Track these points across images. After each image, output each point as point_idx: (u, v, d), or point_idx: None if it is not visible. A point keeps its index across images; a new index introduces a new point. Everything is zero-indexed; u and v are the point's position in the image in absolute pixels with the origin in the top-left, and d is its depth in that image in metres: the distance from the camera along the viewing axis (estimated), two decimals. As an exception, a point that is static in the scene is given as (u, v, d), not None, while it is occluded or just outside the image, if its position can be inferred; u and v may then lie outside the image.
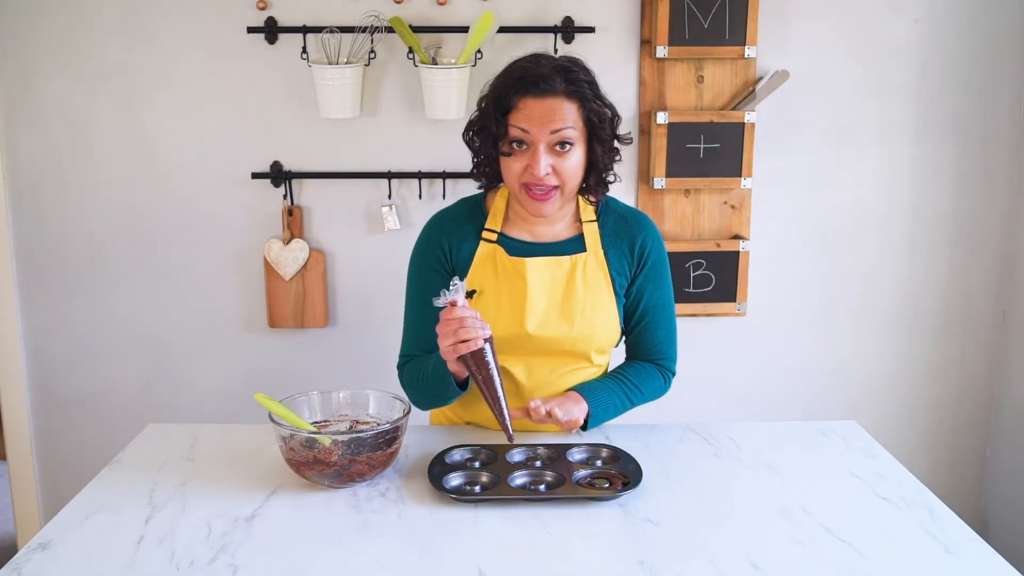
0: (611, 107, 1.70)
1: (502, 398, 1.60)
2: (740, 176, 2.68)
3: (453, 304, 1.58)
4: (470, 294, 1.60)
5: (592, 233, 1.78)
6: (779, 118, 2.71)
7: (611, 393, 1.77)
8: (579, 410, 1.71)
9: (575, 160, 1.66)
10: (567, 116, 1.63)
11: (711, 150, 2.67)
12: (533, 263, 1.74)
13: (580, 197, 1.79)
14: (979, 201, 2.81)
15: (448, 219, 1.81)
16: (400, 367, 1.83)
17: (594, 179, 1.73)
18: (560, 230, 1.79)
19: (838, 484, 1.59)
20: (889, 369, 2.90)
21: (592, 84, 1.67)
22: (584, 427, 1.74)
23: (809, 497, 1.53)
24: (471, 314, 1.58)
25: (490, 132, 1.68)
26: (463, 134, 1.77)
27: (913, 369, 2.91)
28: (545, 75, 1.63)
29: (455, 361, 1.61)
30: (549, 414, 1.66)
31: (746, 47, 2.62)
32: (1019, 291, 2.81)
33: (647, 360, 1.85)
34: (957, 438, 2.96)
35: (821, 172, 2.77)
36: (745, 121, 2.64)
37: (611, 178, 1.76)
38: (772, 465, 1.66)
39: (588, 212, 1.79)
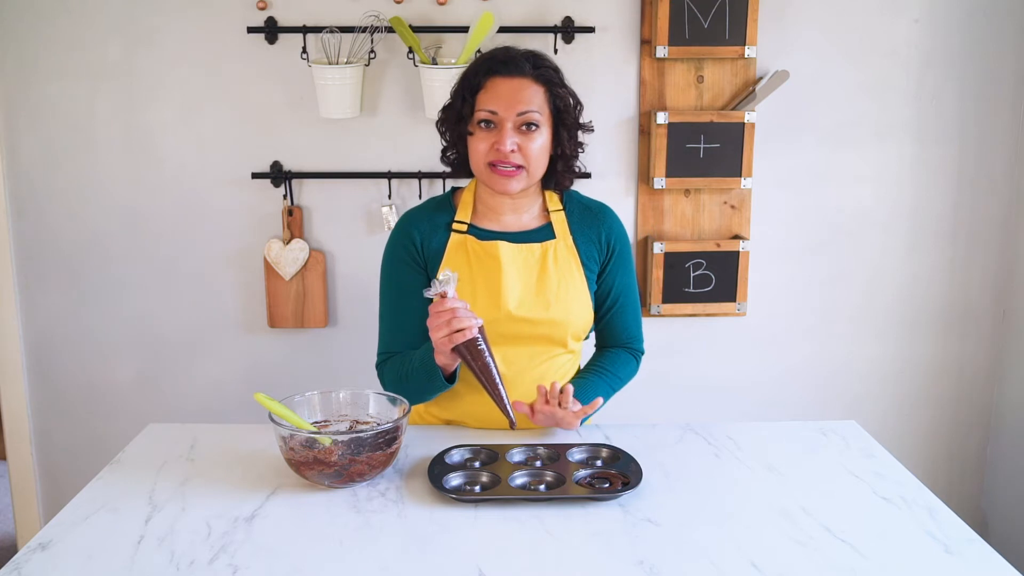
0: (575, 95, 1.77)
1: (500, 384, 1.63)
2: (740, 176, 2.68)
3: (443, 296, 1.59)
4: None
5: (560, 221, 1.83)
6: (779, 118, 2.71)
7: (596, 388, 1.82)
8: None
9: (540, 143, 1.72)
10: (533, 99, 1.71)
11: (711, 150, 2.67)
12: (505, 245, 1.78)
13: (546, 192, 1.84)
14: (979, 201, 2.81)
15: (417, 214, 1.85)
16: (379, 365, 1.84)
17: (562, 166, 1.79)
18: (528, 220, 1.83)
19: (838, 484, 1.59)
20: (889, 369, 2.90)
21: (558, 72, 1.76)
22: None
23: (809, 497, 1.53)
24: (462, 304, 1.61)
25: (459, 114, 1.74)
26: (436, 124, 1.83)
27: (913, 369, 2.91)
28: (514, 58, 1.73)
29: (448, 353, 1.63)
30: (562, 391, 1.67)
31: (746, 47, 2.62)
32: (1019, 291, 2.81)
33: (619, 346, 1.91)
34: (957, 438, 2.96)
35: (821, 172, 2.77)
36: (745, 121, 2.64)
37: (577, 167, 1.83)
38: (772, 465, 1.66)
39: (554, 202, 1.84)
